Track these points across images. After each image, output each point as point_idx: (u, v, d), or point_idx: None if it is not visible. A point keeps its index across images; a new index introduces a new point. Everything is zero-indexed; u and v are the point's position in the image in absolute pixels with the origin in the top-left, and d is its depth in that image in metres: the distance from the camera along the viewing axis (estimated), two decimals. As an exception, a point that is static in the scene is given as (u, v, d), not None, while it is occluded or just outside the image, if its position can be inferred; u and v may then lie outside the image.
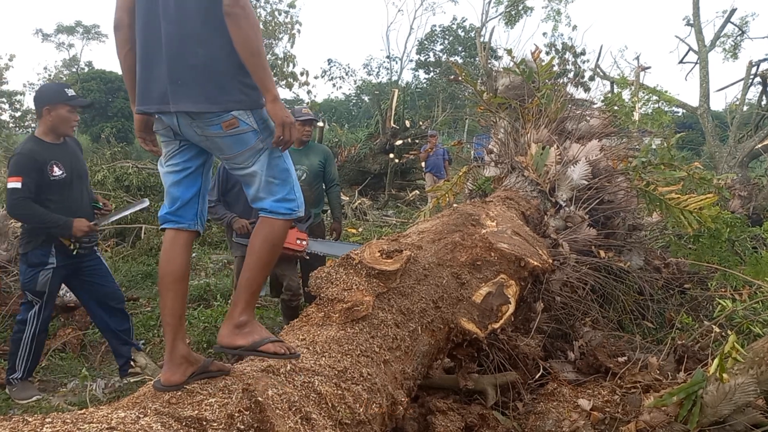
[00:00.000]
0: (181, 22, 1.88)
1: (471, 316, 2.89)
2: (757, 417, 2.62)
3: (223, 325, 2.02)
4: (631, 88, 13.21)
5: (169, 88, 1.90)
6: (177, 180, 2.05)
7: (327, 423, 1.93)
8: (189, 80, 1.89)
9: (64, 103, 3.61)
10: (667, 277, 4.83)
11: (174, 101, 1.90)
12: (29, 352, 3.84)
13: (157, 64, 1.93)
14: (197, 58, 1.88)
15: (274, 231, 2.02)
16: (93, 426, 1.49)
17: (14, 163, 3.58)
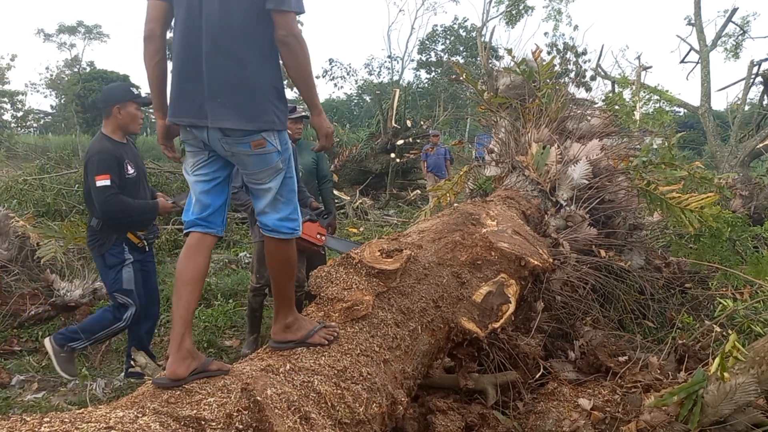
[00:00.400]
0: (225, 43, 2.01)
1: (471, 316, 2.89)
2: (757, 416, 2.61)
3: (275, 325, 2.30)
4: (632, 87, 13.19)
5: (206, 104, 2.03)
6: (207, 189, 2.20)
7: (326, 422, 1.92)
8: (228, 99, 2.02)
9: (133, 101, 3.71)
10: (667, 277, 4.82)
11: (212, 117, 2.03)
12: (103, 337, 3.89)
13: (194, 80, 2.05)
14: (238, 78, 2.02)
15: (284, 252, 2.27)
16: (91, 425, 1.49)
17: (99, 162, 3.61)
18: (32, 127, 32.84)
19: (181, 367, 1.90)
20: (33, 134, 31.82)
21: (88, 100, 28.91)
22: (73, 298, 5.37)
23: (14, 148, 16.83)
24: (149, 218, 3.87)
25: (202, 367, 1.95)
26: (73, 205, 8.91)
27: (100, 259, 3.78)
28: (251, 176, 2.17)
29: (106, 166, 3.60)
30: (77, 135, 28.73)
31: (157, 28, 2.15)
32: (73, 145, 24.75)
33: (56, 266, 5.83)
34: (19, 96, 26.22)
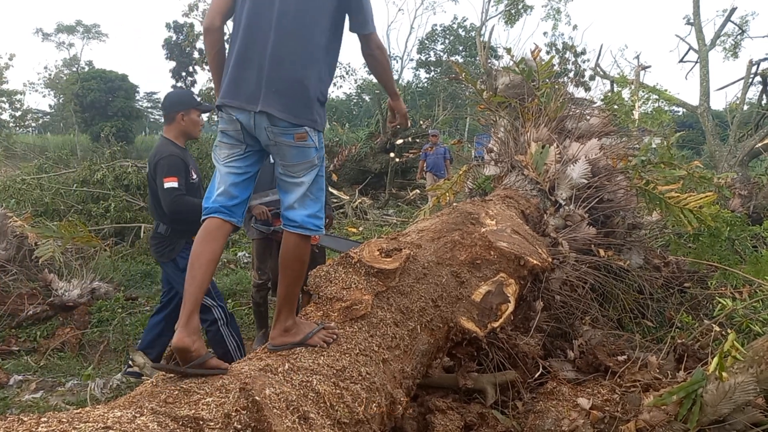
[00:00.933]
0: (294, 43, 2.19)
1: (470, 315, 2.88)
2: (757, 416, 2.61)
3: (273, 329, 2.31)
4: (631, 87, 13.20)
5: (261, 91, 2.18)
6: (237, 182, 2.32)
7: (325, 422, 1.92)
8: (283, 91, 2.18)
9: (196, 108, 3.80)
10: (666, 276, 4.82)
11: (263, 103, 2.17)
12: (237, 340, 3.91)
13: (252, 68, 2.20)
14: (297, 76, 2.19)
15: (301, 249, 2.32)
16: (89, 425, 1.48)
17: (168, 165, 3.66)
18: (30, 126, 32.79)
19: (189, 338, 1.97)
20: (31, 134, 31.81)
21: (87, 99, 28.86)
22: (71, 298, 5.36)
23: (12, 147, 16.83)
24: None
25: (202, 359, 1.96)
26: (71, 204, 8.91)
27: (171, 264, 3.79)
28: (288, 168, 2.28)
29: (175, 169, 3.66)
30: (75, 134, 28.71)
31: (218, 20, 2.31)
32: (71, 144, 24.75)
33: (54, 266, 5.82)
34: (18, 95, 26.18)
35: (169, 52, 31.83)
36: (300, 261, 2.34)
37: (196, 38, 22.66)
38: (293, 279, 2.34)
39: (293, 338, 2.27)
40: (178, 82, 32.91)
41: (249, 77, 2.20)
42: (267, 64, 2.18)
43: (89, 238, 5.13)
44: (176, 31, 31.19)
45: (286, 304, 2.32)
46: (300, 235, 2.30)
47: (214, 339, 3.85)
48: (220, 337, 3.84)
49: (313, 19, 2.22)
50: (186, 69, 31.97)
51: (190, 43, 24.58)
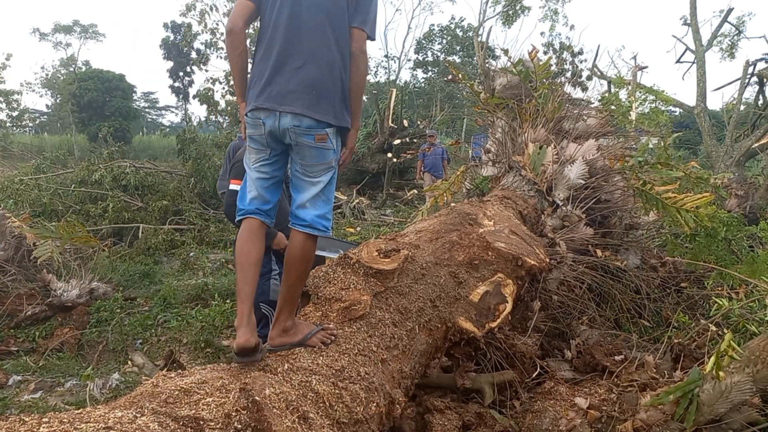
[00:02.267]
0: (322, 48, 2.27)
1: (468, 315, 2.89)
2: (753, 415, 2.62)
3: (273, 329, 2.32)
4: (628, 87, 13.23)
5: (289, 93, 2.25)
6: (267, 186, 2.42)
7: (324, 422, 1.93)
8: (309, 94, 2.24)
9: None
10: (663, 276, 4.84)
11: (289, 103, 2.24)
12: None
13: (282, 72, 2.27)
14: (324, 79, 2.26)
15: (308, 249, 2.36)
16: (90, 425, 1.49)
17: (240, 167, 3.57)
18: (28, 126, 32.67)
19: (253, 337, 2.11)
20: (28, 134, 31.70)
21: (84, 99, 28.80)
22: (70, 299, 5.36)
23: (10, 147, 16.79)
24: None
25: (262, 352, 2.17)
26: (69, 205, 8.90)
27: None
28: (306, 168, 2.34)
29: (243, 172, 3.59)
30: (73, 135, 28.65)
31: (240, 23, 2.37)
32: (68, 144, 24.69)
33: (53, 266, 5.82)
34: (15, 95, 26.08)
35: (167, 52, 31.80)
36: (305, 261, 2.36)
37: (194, 38, 22.60)
38: (297, 279, 2.36)
39: (292, 339, 2.29)
40: (175, 82, 32.87)
41: (280, 79, 2.27)
42: (295, 65, 2.26)
43: (87, 238, 5.12)
44: (174, 31, 31.16)
45: (287, 304, 2.33)
46: (307, 234, 2.34)
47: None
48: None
49: (338, 22, 2.30)
50: (183, 69, 31.93)
51: (187, 43, 24.52)
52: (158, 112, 47.91)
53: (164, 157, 20.86)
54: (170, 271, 7.43)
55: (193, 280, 6.84)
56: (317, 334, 2.31)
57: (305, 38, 2.28)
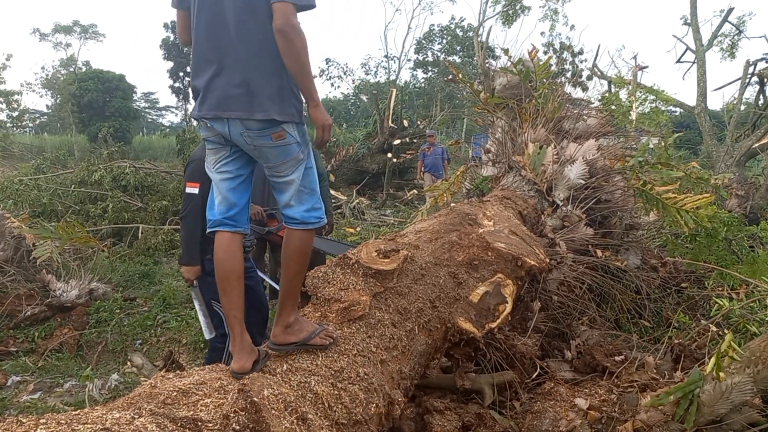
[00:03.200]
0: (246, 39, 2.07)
1: (468, 316, 2.89)
2: (753, 416, 2.62)
3: (275, 326, 2.24)
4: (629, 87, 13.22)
5: (228, 97, 2.09)
6: (233, 186, 2.27)
7: (323, 423, 1.92)
8: (249, 92, 2.08)
9: None
10: (664, 276, 4.83)
11: (234, 109, 2.08)
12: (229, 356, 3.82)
13: (217, 75, 2.11)
14: (259, 73, 2.08)
15: (305, 242, 2.28)
16: (88, 427, 1.49)
17: (193, 170, 3.56)
18: (28, 127, 32.67)
19: (248, 361, 2.07)
20: (29, 134, 31.70)
21: (84, 99, 28.80)
22: (69, 299, 5.36)
23: (10, 148, 16.79)
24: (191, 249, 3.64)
25: (263, 355, 2.15)
26: (69, 205, 8.90)
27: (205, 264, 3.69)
28: (273, 169, 2.21)
29: (199, 173, 3.48)
30: (73, 135, 28.64)
31: (185, 36, 2.29)
32: (68, 145, 24.70)
33: (52, 267, 5.81)
34: (15, 96, 26.05)
35: (167, 53, 31.78)
36: (304, 254, 2.29)
37: (194, 38, 22.62)
38: (296, 272, 2.30)
39: (295, 337, 2.23)
40: (175, 82, 32.86)
41: (216, 85, 2.11)
42: (227, 69, 2.09)
43: (87, 238, 5.13)
44: (174, 31, 31.14)
45: (288, 298, 2.27)
46: (302, 229, 2.26)
47: (213, 354, 3.78)
48: (221, 348, 3.77)
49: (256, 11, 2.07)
50: (183, 69, 31.90)
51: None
52: (158, 112, 47.95)
53: (164, 157, 20.87)
54: (170, 271, 7.42)
55: (192, 280, 6.83)
56: (320, 334, 2.27)
57: (224, 37, 2.09)
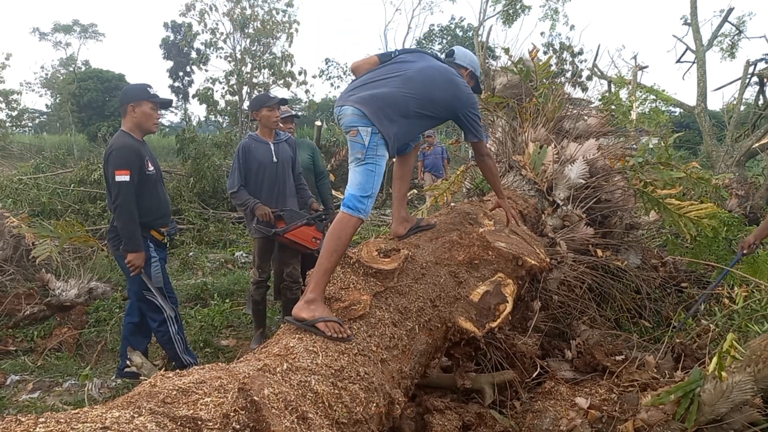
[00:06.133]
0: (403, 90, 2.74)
1: (468, 315, 2.88)
2: (754, 415, 2.61)
3: (301, 298, 2.46)
4: (629, 87, 13.22)
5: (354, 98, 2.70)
6: None
7: (323, 422, 1.91)
8: (367, 101, 2.66)
9: (148, 100, 3.74)
10: (664, 276, 4.83)
11: (350, 100, 2.68)
12: (184, 343, 3.98)
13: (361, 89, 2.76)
14: (385, 99, 2.68)
15: (341, 225, 2.53)
16: (87, 425, 1.48)
17: (119, 157, 3.62)
18: (27, 126, 32.67)
19: (401, 228, 3.17)
20: (28, 133, 31.70)
21: (84, 99, 28.79)
22: (69, 298, 5.35)
23: (9, 147, 16.77)
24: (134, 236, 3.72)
25: (416, 224, 3.26)
26: (68, 204, 8.88)
27: (123, 258, 3.76)
28: (350, 156, 2.68)
29: (126, 160, 3.62)
30: (72, 134, 28.63)
31: (362, 68, 2.93)
32: (68, 144, 24.68)
33: (51, 266, 5.80)
34: (14, 95, 26.03)
35: (167, 52, 31.78)
36: (336, 235, 2.49)
37: (194, 38, 22.59)
38: (326, 252, 2.47)
39: (309, 314, 2.36)
40: (175, 82, 32.86)
41: (356, 91, 2.76)
42: (372, 89, 2.73)
43: (86, 238, 5.10)
44: (174, 30, 31.15)
45: (315, 275, 2.46)
46: (343, 212, 2.54)
47: (163, 340, 3.93)
48: (169, 338, 3.91)
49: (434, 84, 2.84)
50: (183, 69, 31.91)
51: (187, 43, 24.52)
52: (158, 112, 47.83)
53: (164, 156, 20.85)
54: (169, 270, 7.41)
55: (192, 279, 6.83)
56: (330, 323, 2.33)
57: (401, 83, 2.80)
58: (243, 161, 4.45)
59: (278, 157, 4.51)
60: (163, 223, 3.91)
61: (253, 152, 4.45)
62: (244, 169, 4.46)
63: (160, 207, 3.89)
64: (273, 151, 4.50)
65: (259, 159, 4.44)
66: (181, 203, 9.51)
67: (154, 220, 3.84)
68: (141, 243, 3.71)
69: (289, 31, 19.87)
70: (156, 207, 3.84)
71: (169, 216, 4.03)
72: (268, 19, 19.85)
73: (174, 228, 4.12)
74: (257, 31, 19.57)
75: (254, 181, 4.48)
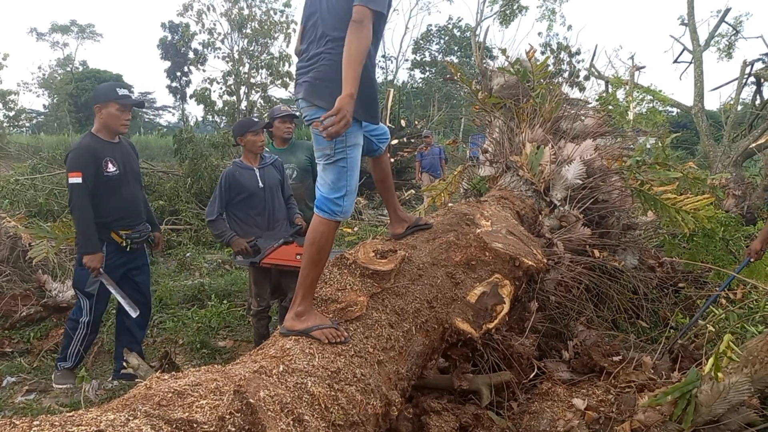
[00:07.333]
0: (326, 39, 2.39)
1: (465, 316, 2.88)
2: (751, 416, 2.62)
3: (289, 311, 2.40)
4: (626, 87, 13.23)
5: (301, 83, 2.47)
6: None
7: (320, 424, 1.91)
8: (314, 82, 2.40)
9: (114, 102, 3.71)
10: (661, 277, 4.83)
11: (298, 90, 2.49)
12: (79, 346, 4.00)
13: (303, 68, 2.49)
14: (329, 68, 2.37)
15: (318, 232, 2.40)
16: (82, 428, 1.47)
17: (72, 159, 3.63)
18: (24, 126, 32.63)
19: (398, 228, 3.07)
20: (25, 134, 31.65)
21: (81, 99, 28.80)
22: (65, 299, 5.33)
23: (6, 147, 16.72)
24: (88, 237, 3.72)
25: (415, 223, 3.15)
26: (65, 205, 8.85)
27: (78, 254, 3.78)
28: (315, 151, 2.47)
29: (79, 163, 3.62)
30: (70, 135, 28.59)
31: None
32: (65, 144, 24.61)
33: (48, 267, 5.79)
34: (11, 95, 26.00)
35: (164, 52, 31.77)
36: (315, 245, 2.39)
37: (191, 38, 22.58)
38: (307, 262, 2.39)
39: (301, 325, 2.33)
40: (173, 82, 32.84)
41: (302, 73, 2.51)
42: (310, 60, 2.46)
43: (83, 238, 5.09)
44: (171, 31, 31.13)
45: (300, 288, 2.40)
46: (318, 216, 2.41)
47: (68, 331, 4.00)
48: (71, 335, 3.96)
49: (340, 12, 2.34)
50: (181, 69, 31.90)
51: (185, 43, 24.50)
52: (155, 112, 47.81)
53: (161, 157, 20.83)
54: (167, 271, 7.40)
55: (189, 280, 6.82)
56: (326, 330, 2.31)
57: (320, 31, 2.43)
58: (226, 190, 4.31)
59: (264, 182, 4.36)
60: (124, 225, 3.87)
61: (238, 180, 4.31)
62: (228, 198, 4.33)
63: (123, 209, 3.84)
64: (259, 177, 4.36)
65: (245, 186, 4.31)
66: (178, 203, 9.50)
67: (113, 222, 3.81)
68: (96, 245, 3.69)
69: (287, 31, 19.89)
70: (117, 209, 3.81)
71: (138, 219, 3.97)
72: (266, 19, 19.87)
73: (143, 233, 4.03)
74: (255, 32, 19.58)
75: (243, 209, 4.36)
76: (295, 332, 2.33)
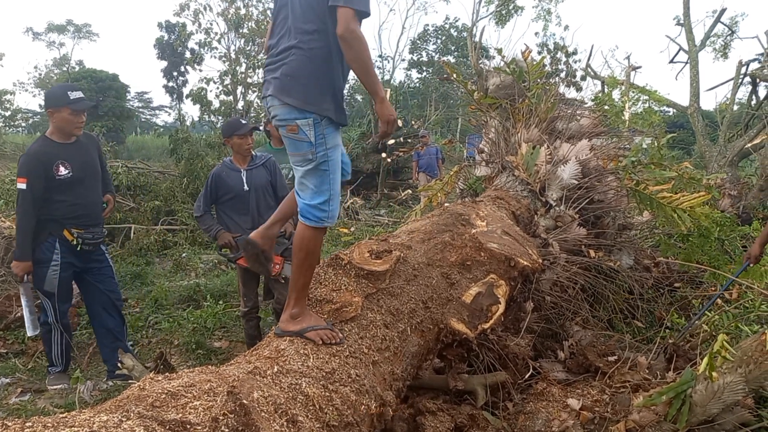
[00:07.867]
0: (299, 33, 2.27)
1: (461, 317, 2.88)
2: (745, 416, 2.62)
3: (284, 313, 2.41)
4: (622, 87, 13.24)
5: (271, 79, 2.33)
6: None
7: (314, 425, 1.91)
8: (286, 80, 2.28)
9: (66, 106, 3.72)
10: (656, 277, 4.84)
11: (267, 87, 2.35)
12: (60, 348, 4.03)
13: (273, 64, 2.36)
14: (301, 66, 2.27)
15: (305, 238, 2.35)
16: (74, 430, 1.47)
17: (21, 164, 3.67)
18: (20, 126, 32.53)
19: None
20: (21, 134, 31.53)
21: (78, 99, 28.66)
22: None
23: (2, 147, 16.67)
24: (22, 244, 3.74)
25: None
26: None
27: (33, 252, 3.78)
28: (290, 156, 2.36)
29: (26, 169, 3.65)
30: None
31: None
32: (61, 144, 24.47)
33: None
34: (7, 95, 25.92)
35: (161, 52, 31.65)
36: (303, 250, 2.35)
37: (188, 38, 22.53)
38: (297, 268, 2.38)
39: (296, 326, 2.34)
40: (169, 82, 32.74)
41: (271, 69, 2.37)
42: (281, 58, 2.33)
43: (78, 239, 5.07)
44: (168, 30, 31.02)
45: (292, 291, 2.40)
46: (303, 224, 2.34)
47: (44, 338, 4.04)
48: (48, 339, 4.00)
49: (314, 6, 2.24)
50: (177, 69, 31.80)
51: (181, 42, 24.45)
52: (152, 111, 47.65)
53: (158, 157, 20.78)
54: (162, 272, 7.39)
55: (185, 281, 6.81)
56: (320, 331, 2.32)
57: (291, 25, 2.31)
58: (212, 189, 4.35)
59: (250, 185, 4.34)
60: (78, 224, 3.83)
61: (224, 180, 4.34)
62: (215, 196, 4.38)
63: (77, 208, 3.82)
64: (244, 179, 4.35)
65: (230, 187, 4.33)
66: (174, 204, 9.48)
67: (65, 219, 3.79)
68: (28, 254, 3.71)
69: (284, 31, 19.85)
70: (72, 207, 3.79)
71: (94, 221, 3.95)
72: (263, 18, 19.83)
73: (96, 235, 4.00)
74: (252, 31, 19.55)
75: (228, 209, 4.39)
76: (289, 333, 2.34)
